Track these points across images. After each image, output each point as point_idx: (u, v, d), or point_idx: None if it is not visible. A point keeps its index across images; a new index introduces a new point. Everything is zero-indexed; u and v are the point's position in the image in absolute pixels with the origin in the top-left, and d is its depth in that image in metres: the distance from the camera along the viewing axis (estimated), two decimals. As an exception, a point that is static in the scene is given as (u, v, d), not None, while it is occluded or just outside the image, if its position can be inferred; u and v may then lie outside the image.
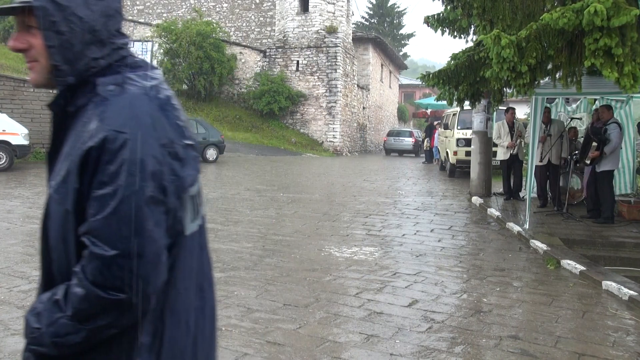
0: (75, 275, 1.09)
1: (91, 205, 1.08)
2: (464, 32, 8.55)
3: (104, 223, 1.06)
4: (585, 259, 5.96)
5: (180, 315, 1.22)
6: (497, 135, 10.46)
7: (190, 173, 1.18)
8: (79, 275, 1.08)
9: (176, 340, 1.21)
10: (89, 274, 1.06)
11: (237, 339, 3.62)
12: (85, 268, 1.07)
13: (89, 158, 1.08)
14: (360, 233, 7.35)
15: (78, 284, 1.07)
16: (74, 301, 1.08)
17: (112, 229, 1.06)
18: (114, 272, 1.06)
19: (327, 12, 25.83)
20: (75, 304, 1.07)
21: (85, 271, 1.07)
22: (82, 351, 1.12)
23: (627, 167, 9.98)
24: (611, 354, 3.53)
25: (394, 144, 27.94)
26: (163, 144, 1.12)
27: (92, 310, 1.07)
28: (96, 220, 1.06)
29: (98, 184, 1.07)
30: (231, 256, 5.90)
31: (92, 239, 1.07)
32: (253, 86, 25.96)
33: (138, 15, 31.20)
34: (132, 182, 1.07)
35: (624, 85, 5.32)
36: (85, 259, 1.08)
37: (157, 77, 1.22)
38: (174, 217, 1.15)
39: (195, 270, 1.29)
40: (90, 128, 1.10)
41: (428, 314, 4.20)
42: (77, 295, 1.07)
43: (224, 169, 15.84)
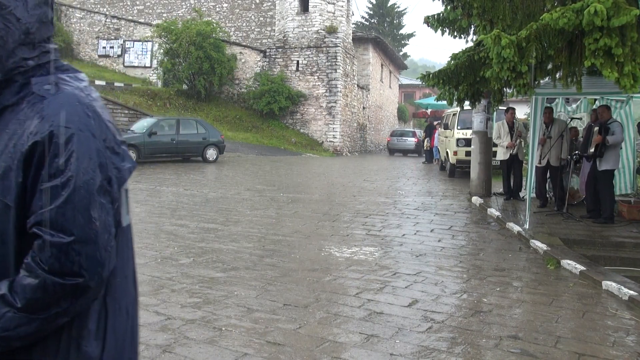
0: (26, 267, 1.11)
1: (39, 198, 1.11)
2: (464, 32, 8.54)
3: (58, 212, 1.10)
4: (585, 259, 5.96)
5: (121, 302, 1.28)
6: (497, 135, 10.46)
7: (128, 166, 1.25)
8: (30, 265, 1.11)
9: (118, 326, 1.27)
10: (44, 262, 1.10)
11: (237, 339, 3.62)
12: (39, 258, 1.10)
13: (34, 153, 1.12)
14: (360, 233, 7.35)
15: (29, 275, 1.11)
16: (27, 292, 1.10)
17: (67, 217, 1.11)
18: (72, 258, 1.10)
19: (327, 12, 25.82)
20: (28, 294, 1.10)
21: (39, 261, 1.10)
22: (32, 343, 1.15)
23: (627, 167, 9.98)
24: (611, 354, 3.53)
25: (398, 144, 28.35)
26: (104, 139, 1.19)
27: (47, 298, 1.11)
28: (50, 210, 1.10)
29: (46, 176, 1.12)
30: (231, 256, 5.91)
31: (46, 228, 1.10)
32: (253, 86, 25.95)
33: (138, 16, 31.20)
34: (83, 172, 1.13)
35: (624, 85, 5.32)
36: (37, 250, 1.11)
37: (85, 79, 1.29)
38: (115, 208, 1.22)
39: (131, 261, 1.36)
40: (30, 125, 1.14)
41: (428, 314, 4.20)
42: (30, 285, 1.10)
43: (224, 169, 15.84)
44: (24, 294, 1.10)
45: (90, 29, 29.71)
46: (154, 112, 20.72)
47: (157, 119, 17.13)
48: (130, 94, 21.93)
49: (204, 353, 3.38)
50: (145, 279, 4.97)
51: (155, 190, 11.11)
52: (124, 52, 28.66)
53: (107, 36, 29.25)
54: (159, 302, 4.33)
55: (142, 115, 18.82)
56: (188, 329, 3.76)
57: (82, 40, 29.79)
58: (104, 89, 20.82)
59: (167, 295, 4.50)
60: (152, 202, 9.60)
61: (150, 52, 27.93)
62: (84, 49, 29.71)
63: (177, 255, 5.89)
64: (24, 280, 1.11)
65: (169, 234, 7.01)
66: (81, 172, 1.13)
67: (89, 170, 1.14)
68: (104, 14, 30.15)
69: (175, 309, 4.18)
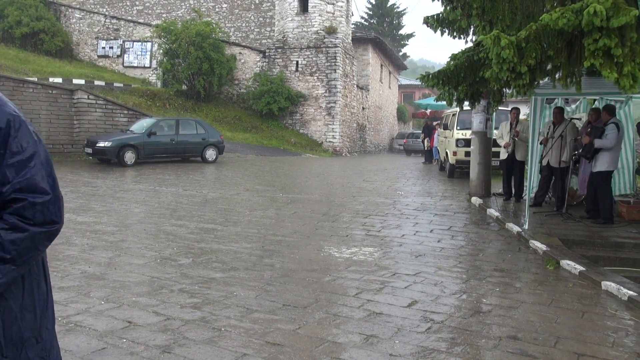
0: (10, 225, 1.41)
1: (6, 171, 1.41)
2: (464, 32, 8.54)
3: (33, 179, 1.44)
4: (584, 260, 5.96)
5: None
6: (500, 135, 10.48)
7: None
8: (15, 223, 1.41)
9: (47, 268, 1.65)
10: (30, 218, 1.43)
11: (236, 339, 3.61)
12: (25, 215, 1.42)
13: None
14: (359, 233, 7.35)
15: (14, 231, 1.41)
16: (16, 244, 1.41)
17: (43, 180, 1.46)
18: (50, 210, 1.46)
19: (326, 12, 25.82)
20: (18, 245, 1.41)
21: (25, 217, 1.42)
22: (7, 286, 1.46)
23: (626, 168, 9.98)
24: (610, 354, 3.53)
25: (413, 145, 30.37)
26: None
27: (33, 245, 1.45)
28: (25, 179, 1.43)
29: (10, 154, 1.42)
30: (230, 257, 5.90)
31: (25, 193, 1.43)
32: (252, 86, 25.94)
33: (137, 16, 31.18)
34: (39, 147, 1.49)
35: (624, 85, 5.32)
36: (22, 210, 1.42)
37: None
38: None
39: None
40: None
41: (427, 314, 4.20)
42: (19, 238, 1.42)
43: (224, 170, 15.83)
44: (14, 246, 1.41)
45: (89, 29, 29.70)
46: (153, 113, 20.71)
47: (157, 120, 17.12)
48: (129, 94, 21.91)
49: (203, 353, 3.37)
50: (145, 279, 4.97)
51: (154, 191, 11.10)
52: (124, 52, 28.64)
53: (106, 36, 29.24)
54: (158, 302, 4.32)
55: (142, 115, 18.81)
56: (187, 330, 3.76)
57: (81, 41, 29.77)
58: (103, 89, 20.80)
59: (166, 296, 4.49)
60: (152, 203, 9.60)
61: (149, 52, 27.93)
62: (83, 49, 29.69)
63: (177, 256, 5.88)
64: (9, 236, 1.41)
65: (169, 234, 7.01)
66: (38, 147, 1.49)
67: (42, 145, 1.50)
68: (103, 15, 30.13)
69: (175, 309, 4.17)
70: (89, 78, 22.32)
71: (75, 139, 17.23)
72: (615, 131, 7.61)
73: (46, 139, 16.13)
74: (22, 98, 15.97)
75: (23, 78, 17.45)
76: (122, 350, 3.40)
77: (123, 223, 7.70)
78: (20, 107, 9.31)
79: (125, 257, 5.76)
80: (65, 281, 4.82)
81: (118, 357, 3.30)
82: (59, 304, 4.19)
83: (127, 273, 5.17)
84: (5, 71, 18.62)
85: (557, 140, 8.71)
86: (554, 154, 8.81)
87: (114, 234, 6.93)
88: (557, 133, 8.79)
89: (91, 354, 3.33)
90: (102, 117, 17.94)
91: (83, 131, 17.19)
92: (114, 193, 10.61)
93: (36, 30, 26.91)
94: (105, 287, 4.68)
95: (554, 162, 8.85)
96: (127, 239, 6.69)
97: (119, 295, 4.47)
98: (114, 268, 5.32)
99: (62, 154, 16.71)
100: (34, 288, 1.53)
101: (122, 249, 6.10)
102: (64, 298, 4.35)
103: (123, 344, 3.49)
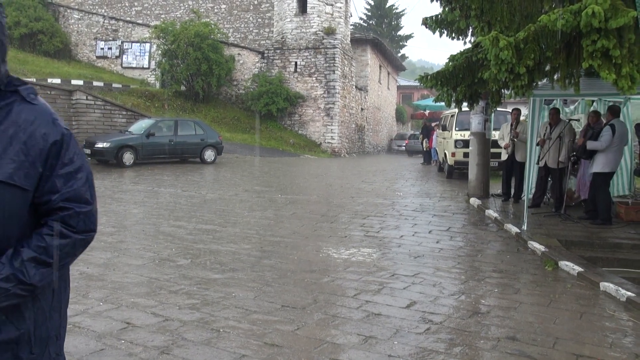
0: (55, 232, 1.50)
1: (56, 181, 1.50)
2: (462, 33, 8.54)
3: (79, 190, 1.54)
4: (583, 260, 5.97)
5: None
6: (501, 136, 10.50)
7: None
8: (60, 229, 1.51)
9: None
10: (74, 226, 1.53)
11: (235, 340, 3.61)
12: (69, 223, 1.52)
13: (52, 149, 1.50)
14: (358, 234, 7.35)
15: (59, 237, 1.50)
16: (60, 249, 1.50)
17: (85, 193, 1.56)
18: (91, 219, 1.58)
19: (325, 13, 25.83)
20: (61, 250, 1.50)
21: (69, 225, 1.52)
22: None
23: (624, 169, 9.99)
24: (609, 355, 3.53)
25: (414, 146, 30.43)
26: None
27: (73, 250, 1.55)
28: (73, 189, 1.53)
29: (61, 165, 1.52)
30: (229, 257, 5.90)
31: (71, 202, 1.52)
32: (251, 87, 25.93)
33: (136, 17, 31.16)
34: (85, 161, 1.59)
35: (622, 86, 5.32)
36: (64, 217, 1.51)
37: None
38: None
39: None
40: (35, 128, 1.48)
41: (426, 315, 4.20)
42: (62, 244, 1.51)
43: (222, 171, 15.83)
44: (58, 251, 1.50)
45: (88, 30, 29.67)
46: (152, 113, 20.69)
47: (155, 120, 17.10)
48: (128, 95, 21.90)
49: (201, 354, 3.37)
50: (143, 280, 4.97)
51: (153, 192, 11.09)
52: (122, 53, 28.62)
53: (105, 37, 29.21)
54: (157, 303, 4.32)
55: (140, 116, 18.80)
56: (186, 331, 3.75)
57: (80, 41, 29.74)
58: (102, 90, 20.78)
59: (165, 297, 4.49)
60: (150, 204, 9.59)
61: (148, 53, 27.91)
62: (82, 50, 29.67)
63: (175, 257, 5.88)
64: (54, 241, 1.49)
65: (167, 235, 7.00)
66: (84, 160, 1.59)
67: (85, 160, 1.60)
68: (102, 15, 30.11)
69: (173, 310, 4.17)
70: (88, 79, 22.29)
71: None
72: (609, 133, 7.58)
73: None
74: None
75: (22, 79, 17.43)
76: (121, 351, 3.39)
77: (121, 224, 7.69)
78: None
79: (123, 258, 5.75)
80: (64, 282, 4.81)
81: (116, 358, 3.30)
82: (57, 305, 4.18)
83: (126, 274, 5.16)
84: (4, 72, 18.59)
85: (554, 141, 8.73)
86: (552, 154, 8.82)
87: (112, 234, 6.93)
88: (554, 134, 8.80)
89: (89, 355, 3.33)
90: (100, 117, 17.92)
91: (82, 132, 17.17)
92: (113, 194, 10.60)
93: (35, 31, 26.90)
94: (103, 288, 4.67)
95: (552, 163, 8.86)
96: (126, 239, 6.69)
97: (118, 296, 4.46)
98: (112, 269, 5.31)
99: (61, 155, 16.67)
100: (61, 290, 1.65)
101: (120, 250, 6.09)
102: (62, 299, 4.34)
103: (121, 345, 3.49)
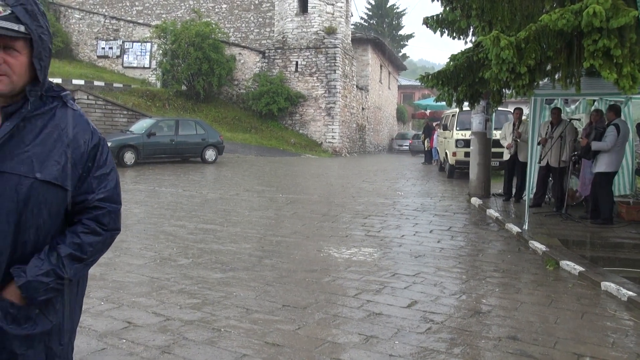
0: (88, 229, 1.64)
1: (92, 182, 1.64)
2: (463, 33, 8.53)
3: (113, 191, 1.69)
4: (584, 260, 5.96)
5: None
6: (503, 136, 10.49)
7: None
8: (93, 228, 1.64)
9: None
10: (106, 224, 1.67)
11: (236, 339, 3.61)
12: (102, 221, 1.66)
13: (91, 153, 1.64)
14: (359, 234, 7.35)
15: (92, 233, 1.64)
16: (93, 245, 1.64)
17: (117, 194, 1.71)
18: (119, 218, 1.73)
19: (326, 13, 25.82)
20: (94, 247, 1.65)
21: (101, 223, 1.66)
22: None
23: (626, 168, 9.97)
24: (610, 354, 3.53)
25: (419, 145, 30.74)
26: None
27: (103, 247, 1.70)
28: (108, 190, 1.67)
29: (97, 167, 1.66)
30: (230, 257, 5.90)
31: (105, 202, 1.66)
32: (252, 87, 25.93)
33: (137, 16, 31.17)
34: (114, 164, 1.74)
35: (623, 86, 5.32)
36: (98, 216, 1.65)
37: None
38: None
39: None
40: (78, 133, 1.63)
41: (427, 314, 4.20)
42: (95, 240, 1.65)
43: (223, 170, 15.83)
44: (90, 248, 1.64)
45: (89, 29, 29.68)
46: (153, 113, 20.70)
47: (156, 120, 17.12)
48: (129, 94, 21.91)
49: (203, 354, 3.37)
50: (145, 279, 4.97)
51: (154, 191, 11.10)
52: (123, 52, 28.62)
53: (106, 37, 29.22)
54: (158, 302, 4.32)
55: (141, 116, 18.81)
56: (187, 330, 3.76)
57: (81, 41, 29.76)
58: (103, 89, 20.79)
59: (166, 296, 4.49)
60: (151, 203, 9.59)
61: (149, 52, 27.92)
62: (83, 50, 29.69)
63: (176, 256, 5.88)
64: (87, 239, 1.63)
65: (168, 234, 7.01)
66: (114, 164, 1.73)
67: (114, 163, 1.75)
68: (103, 15, 30.12)
69: (174, 309, 4.17)
70: (89, 78, 22.30)
71: (74, 139, 17.21)
72: (614, 133, 7.56)
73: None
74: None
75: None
76: (122, 350, 3.40)
77: (123, 223, 7.63)
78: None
79: (124, 258, 5.76)
80: (65, 282, 4.81)
81: (117, 358, 3.30)
82: (58, 305, 4.18)
83: (127, 273, 5.17)
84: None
85: (556, 140, 8.73)
86: (554, 154, 8.82)
87: (113, 234, 6.92)
88: (556, 133, 8.79)
89: (91, 355, 3.33)
90: (101, 117, 17.93)
91: (83, 131, 17.16)
92: (114, 193, 10.59)
93: (36, 31, 26.86)
94: (104, 288, 4.68)
95: (554, 162, 8.86)
96: (127, 239, 6.69)
97: (119, 296, 4.47)
98: (113, 268, 5.31)
99: (62, 155, 16.67)
100: (84, 286, 1.79)
101: (121, 250, 6.10)
102: (63, 298, 4.34)
103: (123, 344, 3.49)
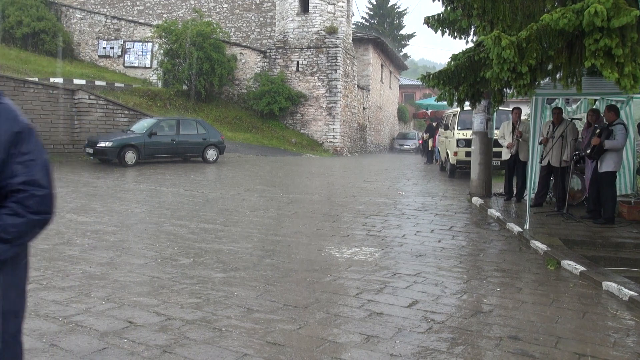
0: (12, 211, 1.73)
1: (17, 167, 1.75)
2: (464, 32, 8.52)
3: (38, 175, 1.78)
4: (585, 260, 5.96)
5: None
6: (501, 135, 10.47)
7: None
8: (16, 210, 1.74)
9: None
10: (30, 207, 1.76)
11: (237, 339, 3.61)
12: (26, 203, 1.75)
13: (13, 140, 1.75)
14: (360, 233, 7.35)
15: (16, 215, 1.73)
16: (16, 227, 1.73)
17: (43, 178, 1.81)
18: (47, 202, 1.81)
19: (327, 12, 25.82)
20: (18, 228, 1.74)
21: (25, 205, 1.75)
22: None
23: (627, 168, 9.96)
24: (611, 354, 3.53)
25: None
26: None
27: (28, 230, 1.78)
28: (30, 174, 1.77)
29: (21, 154, 1.77)
30: (231, 257, 5.91)
31: (28, 186, 1.76)
32: (253, 87, 25.94)
33: (138, 16, 31.19)
34: (42, 152, 1.85)
35: (624, 85, 5.31)
36: (21, 199, 1.75)
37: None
38: None
39: None
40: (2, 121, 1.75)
41: (428, 314, 4.20)
42: (18, 222, 1.74)
43: (224, 170, 15.84)
44: (14, 229, 1.73)
45: (90, 29, 29.71)
46: (154, 113, 20.71)
47: (157, 120, 17.12)
48: (130, 94, 21.92)
49: (204, 353, 3.37)
50: (146, 279, 4.97)
51: (155, 191, 11.10)
52: (124, 52, 28.64)
53: (107, 37, 29.24)
54: (159, 302, 4.33)
55: (142, 115, 18.81)
56: (188, 330, 3.76)
57: (82, 41, 29.78)
58: (104, 89, 20.80)
59: (167, 296, 4.50)
60: (152, 203, 9.60)
61: (150, 52, 27.93)
62: (84, 50, 29.71)
63: (177, 256, 5.88)
64: (10, 220, 1.72)
65: (169, 234, 7.01)
66: (43, 150, 1.85)
67: (44, 152, 1.86)
68: (104, 15, 30.14)
69: (176, 309, 4.18)
70: (90, 78, 22.31)
71: (76, 139, 17.24)
72: (623, 132, 7.66)
73: (47, 139, 16.13)
74: (23, 98, 15.97)
75: (24, 78, 17.46)
76: (123, 350, 3.40)
77: (124, 223, 7.71)
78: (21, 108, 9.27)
79: (126, 257, 5.76)
80: (66, 281, 4.83)
81: (119, 357, 3.30)
82: (59, 304, 4.19)
83: (128, 273, 5.17)
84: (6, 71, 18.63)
85: (557, 140, 8.72)
86: (555, 153, 8.82)
87: (114, 234, 6.94)
88: (557, 133, 8.79)
89: (92, 354, 3.34)
90: (102, 117, 17.94)
91: (84, 131, 17.20)
92: (115, 193, 10.62)
93: (37, 31, 26.91)
94: (106, 287, 4.68)
95: (555, 162, 8.87)
96: (128, 239, 6.70)
97: (120, 295, 4.47)
98: (114, 268, 5.32)
99: (63, 154, 16.71)
100: (21, 268, 1.86)
101: (122, 249, 6.11)
102: (64, 298, 4.36)
103: (124, 344, 3.50)
